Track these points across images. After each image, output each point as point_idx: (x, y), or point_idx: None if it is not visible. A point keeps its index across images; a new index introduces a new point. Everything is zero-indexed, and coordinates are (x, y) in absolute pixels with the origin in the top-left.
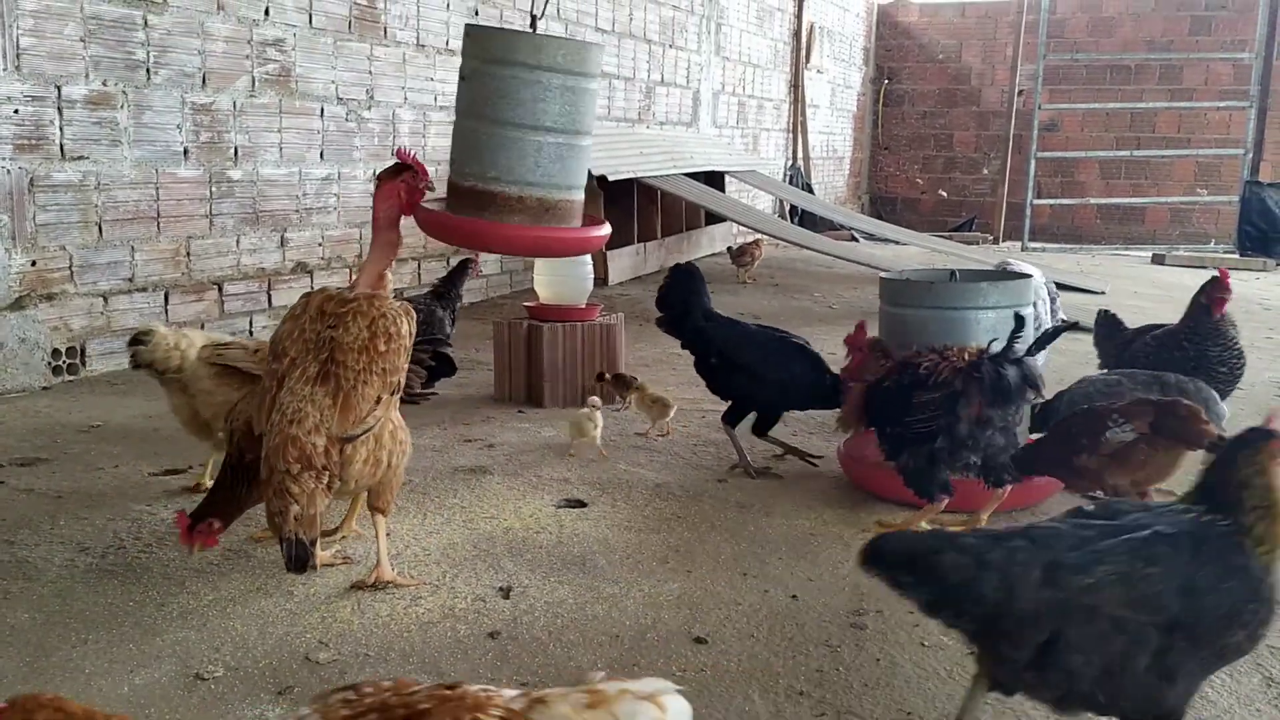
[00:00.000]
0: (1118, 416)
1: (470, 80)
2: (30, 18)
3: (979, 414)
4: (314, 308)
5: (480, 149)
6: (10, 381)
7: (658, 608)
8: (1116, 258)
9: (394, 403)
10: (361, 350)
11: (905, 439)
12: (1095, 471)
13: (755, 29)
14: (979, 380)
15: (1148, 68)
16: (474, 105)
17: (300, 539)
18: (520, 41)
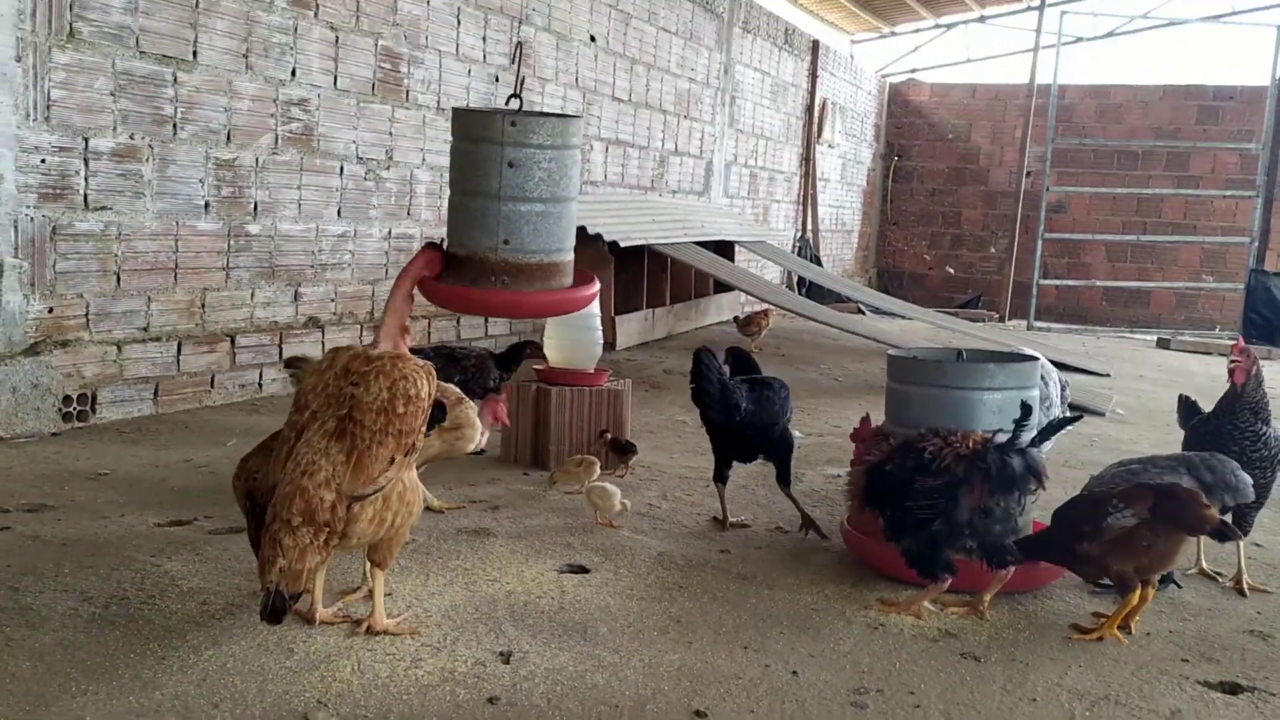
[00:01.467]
0: (1117, 502)
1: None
2: (63, 70)
3: (980, 503)
4: (340, 364)
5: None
6: (20, 426)
7: (658, 678)
8: (1121, 340)
9: (408, 464)
10: (380, 411)
11: (906, 522)
12: (1098, 558)
13: (769, 103)
14: (983, 470)
15: (1155, 154)
16: (500, 185)
17: (280, 591)
18: (540, 125)
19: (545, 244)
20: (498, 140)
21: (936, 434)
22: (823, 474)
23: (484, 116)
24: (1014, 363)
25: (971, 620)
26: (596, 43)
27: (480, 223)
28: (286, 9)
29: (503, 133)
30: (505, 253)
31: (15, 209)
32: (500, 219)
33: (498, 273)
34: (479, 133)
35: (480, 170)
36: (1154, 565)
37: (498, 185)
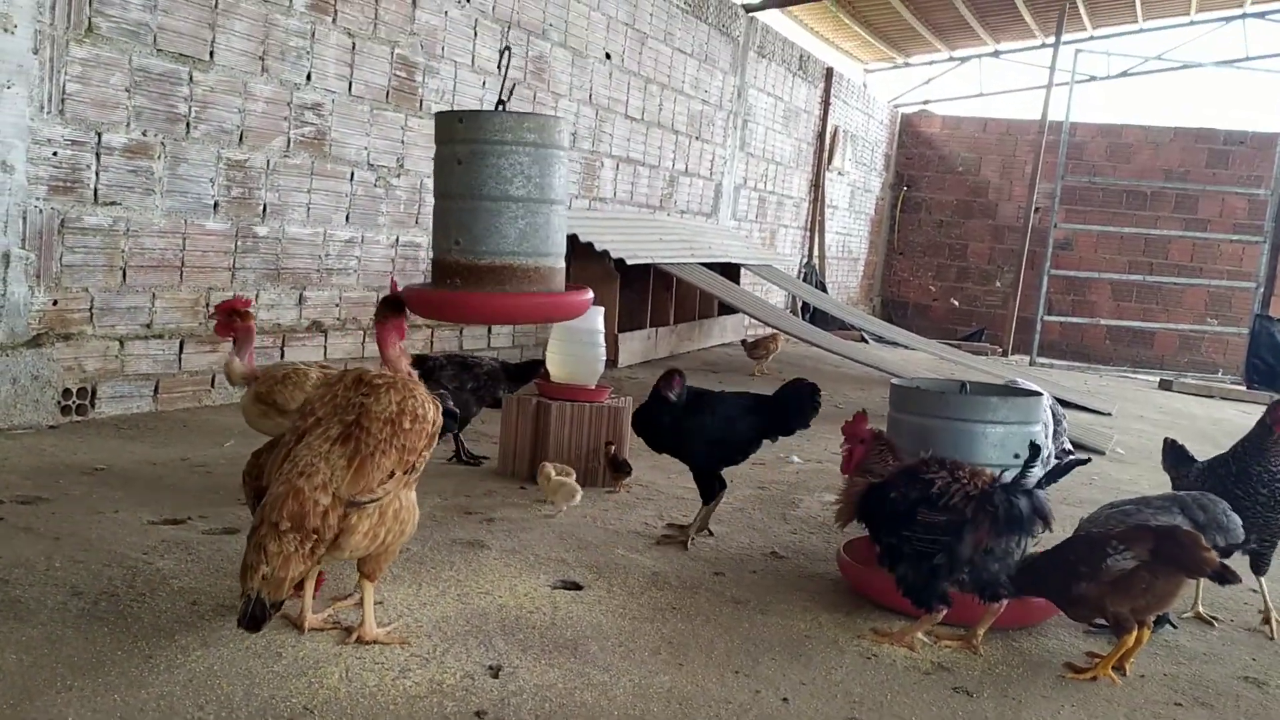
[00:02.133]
0: (1116, 543)
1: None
2: (79, 65)
3: (984, 543)
4: (351, 378)
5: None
6: (19, 417)
7: (647, 699)
8: (1123, 380)
9: (408, 482)
10: (388, 421)
11: (903, 551)
12: (1095, 599)
13: (781, 128)
14: (991, 512)
15: (1164, 195)
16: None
17: (261, 598)
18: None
19: (499, 245)
20: (450, 139)
21: (943, 465)
22: (820, 500)
23: (444, 117)
24: (1017, 397)
25: (965, 654)
26: (612, 60)
27: (440, 223)
28: (305, 13)
29: (453, 131)
30: (457, 253)
31: (25, 200)
32: (454, 218)
33: (451, 274)
34: (441, 134)
35: (442, 171)
36: (1152, 607)
37: (452, 184)
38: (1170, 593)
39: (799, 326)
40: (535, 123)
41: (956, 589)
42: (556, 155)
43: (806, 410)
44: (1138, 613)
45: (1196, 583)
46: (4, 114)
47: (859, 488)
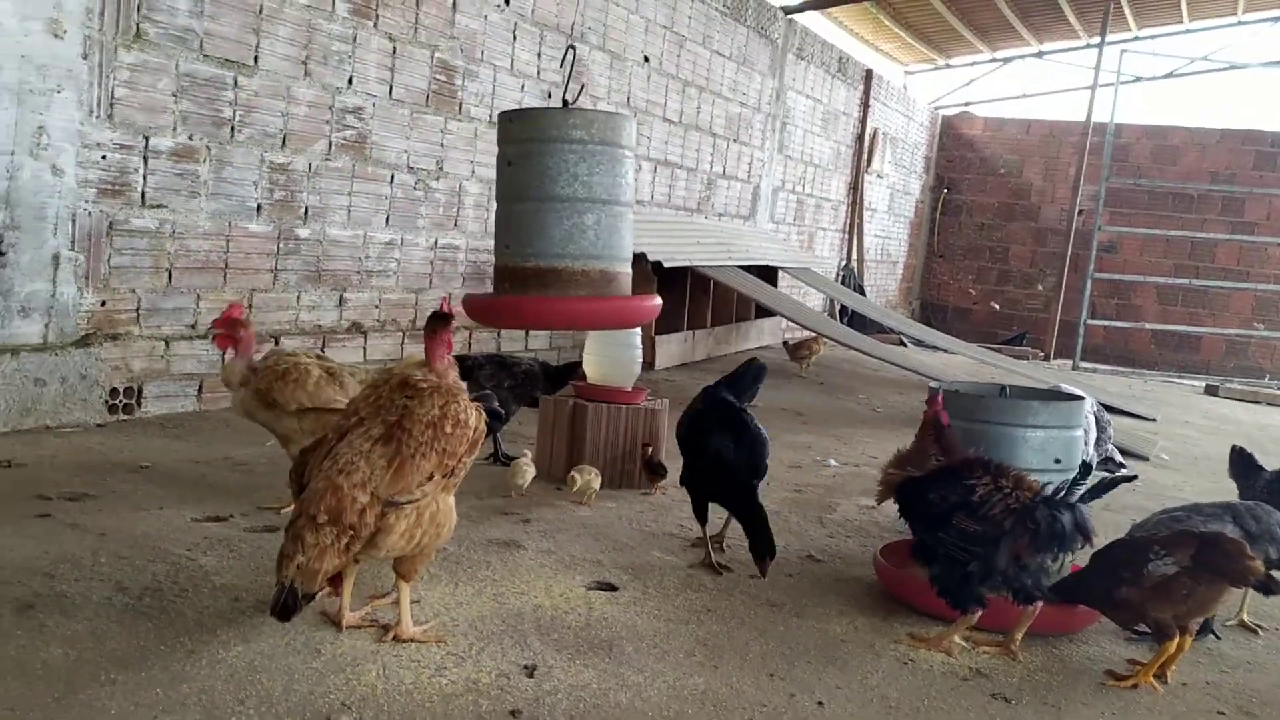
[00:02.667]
0: (1159, 549)
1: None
2: (127, 70)
3: (1022, 557)
4: (396, 380)
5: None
6: (67, 416)
7: (681, 701)
8: (1169, 385)
9: (447, 486)
10: (430, 425)
11: (937, 553)
12: (1137, 604)
13: (819, 130)
14: (1033, 529)
15: (1210, 198)
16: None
17: (294, 587)
18: (558, 117)
19: (545, 247)
20: (501, 140)
21: (987, 469)
22: (856, 504)
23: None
24: (1058, 401)
25: (1003, 660)
26: (650, 63)
27: (497, 229)
28: (347, 18)
29: (504, 131)
30: (506, 257)
31: (74, 203)
32: (503, 222)
33: (500, 279)
34: (498, 137)
35: (499, 175)
36: (1193, 613)
37: (503, 186)
38: (1212, 599)
39: (837, 330)
40: (562, 119)
41: (992, 594)
42: (623, 155)
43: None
44: (1179, 619)
45: (1243, 591)
46: (54, 118)
47: (898, 478)
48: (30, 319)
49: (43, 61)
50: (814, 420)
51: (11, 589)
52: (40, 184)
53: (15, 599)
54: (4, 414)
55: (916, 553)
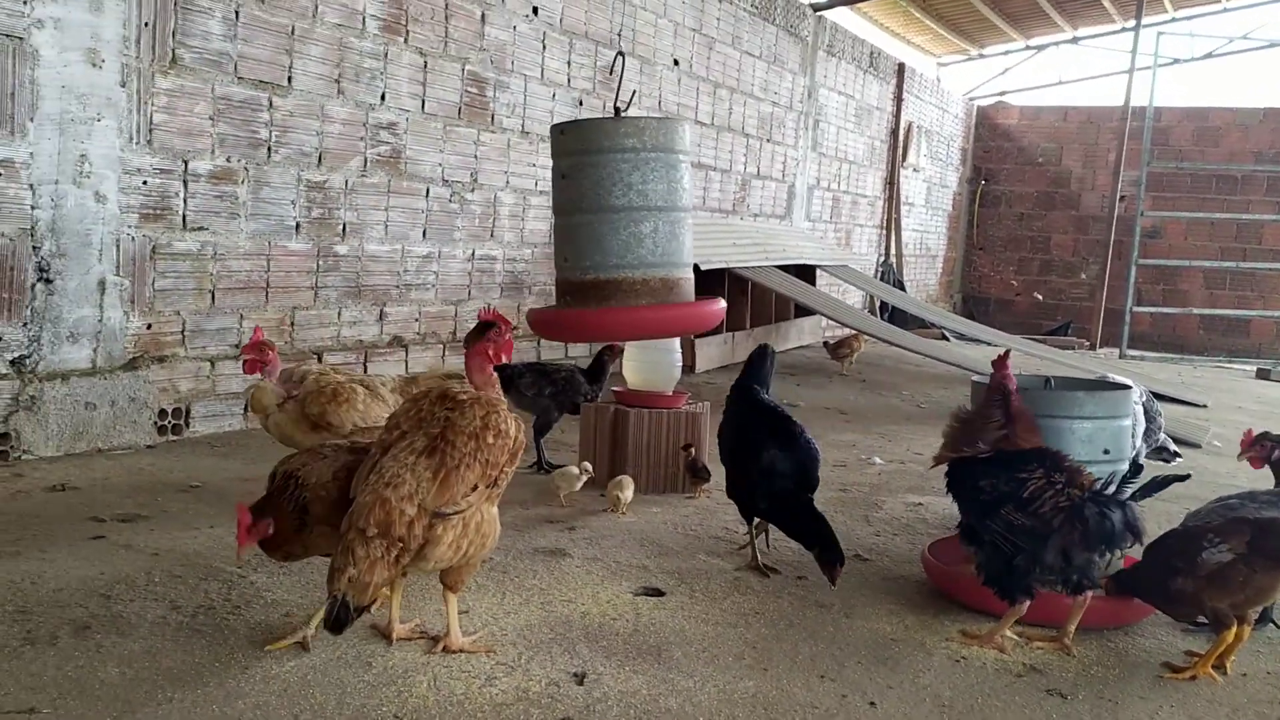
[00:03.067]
0: (1213, 536)
1: (570, 175)
2: (164, 96)
3: (1069, 554)
4: (436, 393)
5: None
6: (118, 438)
7: (732, 705)
8: (1219, 370)
9: (490, 496)
10: (472, 436)
11: (984, 540)
12: (1193, 595)
13: (853, 127)
14: (1081, 527)
15: (1255, 179)
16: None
17: (346, 600)
18: (613, 126)
19: (603, 259)
20: (555, 153)
21: (1042, 462)
22: (903, 501)
23: (552, 131)
24: (1104, 391)
25: (1058, 656)
26: (680, 66)
27: (555, 242)
28: (378, 35)
29: (557, 144)
30: (565, 270)
31: (118, 229)
32: (561, 234)
33: (561, 292)
34: (551, 150)
35: (554, 188)
36: (1251, 601)
37: (558, 199)
38: (1270, 587)
39: (877, 326)
40: (611, 128)
41: (1040, 586)
42: (678, 160)
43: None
44: (1236, 608)
45: None
46: (95, 146)
47: (950, 458)
48: (79, 344)
49: (83, 91)
50: (857, 418)
51: (69, 610)
52: (84, 211)
53: (73, 620)
54: (57, 438)
55: (964, 533)
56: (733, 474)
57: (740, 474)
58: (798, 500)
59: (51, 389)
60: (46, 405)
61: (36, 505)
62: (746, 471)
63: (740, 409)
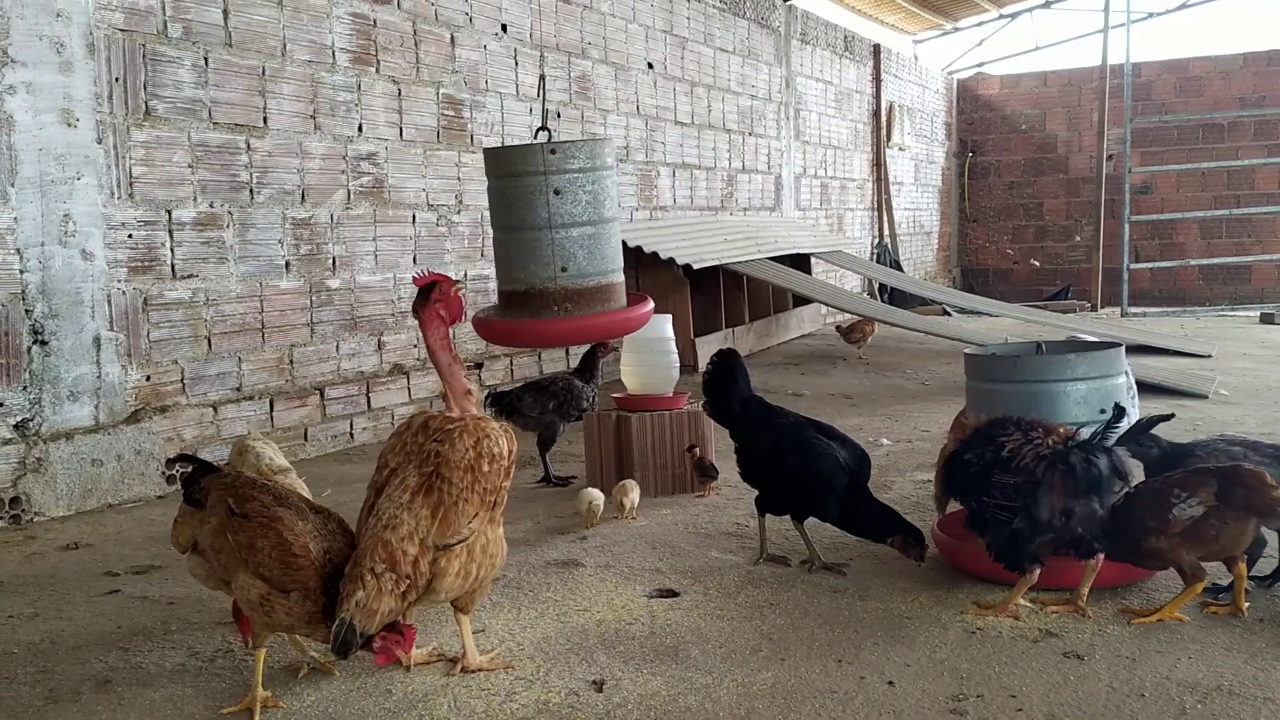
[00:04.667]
0: (1180, 491)
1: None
2: (141, 148)
3: (1061, 505)
4: (417, 425)
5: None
6: (127, 492)
7: (751, 698)
8: (1223, 319)
9: (492, 518)
10: (467, 469)
11: (985, 518)
12: (1168, 552)
13: (834, 112)
14: (1065, 471)
15: (1241, 125)
16: (501, 215)
17: (352, 624)
18: (528, 153)
19: (599, 266)
20: (540, 170)
21: (1017, 426)
22: (912, 480)
23: (522, 151)
24: (1096, 351)
25: (1073, 618)
26: (655, 69)
27: (534, 254)
28: (349, 68)
29: (544, 162)
30: (564, 280)
31: (107, 284)
32: (554, 247)
33: (559, 301)
34: (519, 167)
35: (526, 203)
36: (1225, 550)
37: (546, 215)
38: (1243, 534)
39: (876, 308)
40: (610, 147)
41: (1049, 553)
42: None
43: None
44: (1213, 556)
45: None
46: (78, 205)
47: (942, 461)
48: (80, 402)
49: (60, 151)
50: (863, 401)
51: (89, 666)
52: (73, 270)
53: (93, 675)
54: (66, 497)
55: (970, 524)
56: (777, 490)
57: (794, 488)
58: (864, 496)
59: (57, 449)
60: (53, 466)
61: (51, 565)
62: (804, 484)
63: (765, 423)
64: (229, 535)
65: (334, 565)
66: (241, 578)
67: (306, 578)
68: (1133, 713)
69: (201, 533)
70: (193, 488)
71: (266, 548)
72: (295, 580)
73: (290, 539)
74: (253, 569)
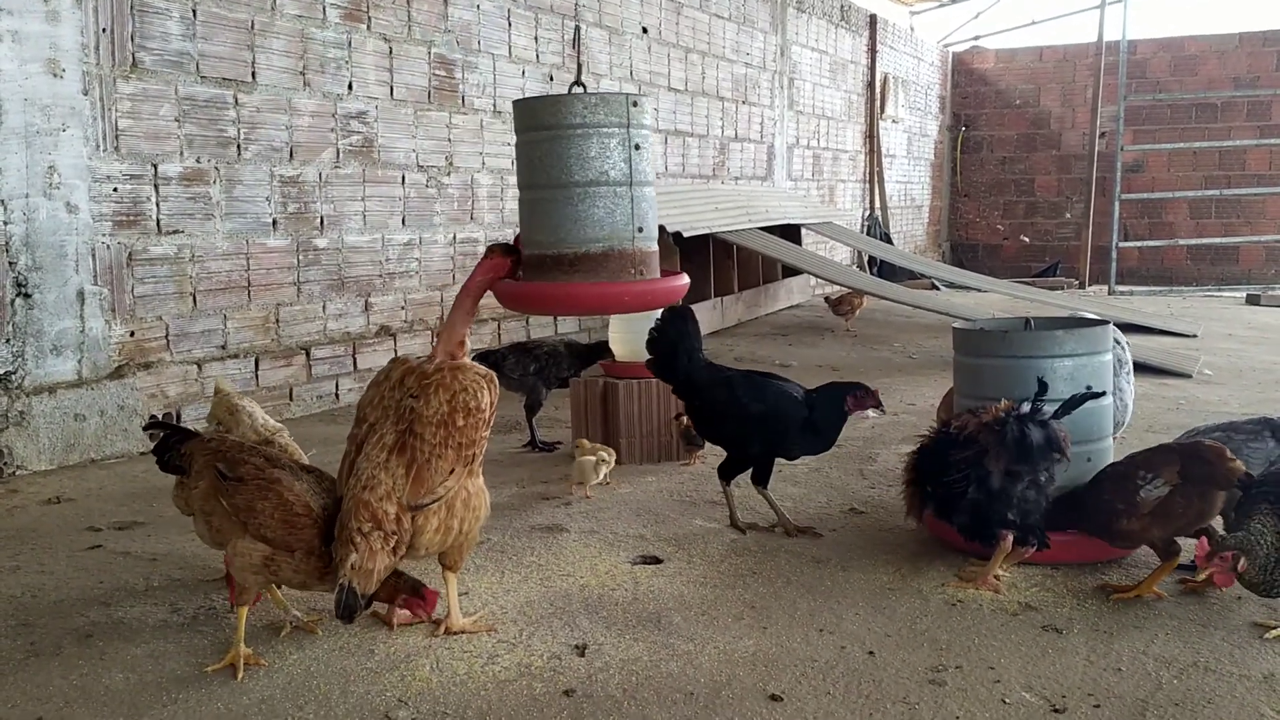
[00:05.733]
0: (1144, 472)
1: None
2: (128, 100)
3: (1005, 469)
4: (396, 375)
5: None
6: (109, 448)
7: (733, 664)
8: (1209, 299)
9: (471, 472)
10: (440, 425)
11: (948, 499)
12: (1140, 532)
13: (828, 82)
14: (1001, 436)
15: (1234, 105)
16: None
17: (352, 588)
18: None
19: (655, 229)
20: (621, 123)
21: (971, 412)
22: (897, 453)
23: (602, 100)
24: (1083, 328)
25: (1052, 592)
26: (649, 34)
27: (615, 212)
28: (339, 24)
29: (627, 114)
30: (640, 241)
31: (92, 238)
32: (634, 205)
33: (635, 264)
34: (598, 118)
35: (605, 156)
36: (1194, 524)
37: (627, 170)
38: (1211, 508)
39: (865, 281)
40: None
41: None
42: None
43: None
44: (1183, 532)
45: None
46: (63, 157)
47: (909, 463)
48: (63, 356)
49: (46, 102)
50: (850, 374)
51: (71, 620)
52: (57, 223)
53: (75, 629)
54: (49, 452)
55: (940, 514)
56: (744, 437)
57: (758, 431)
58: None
59: (39, 403)
60: (36, 420)
61: (33, 519)
62: (768, 425)
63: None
64: (223, 500)
65: (333, 520)
66: (240, 543)
67: (310, 536)
68: (1109, 686)
69: (190, 496)
70: (170, 454)
71: (268, 509)
72: (300, 539)
73: (291, 499)
74: (254, 531)
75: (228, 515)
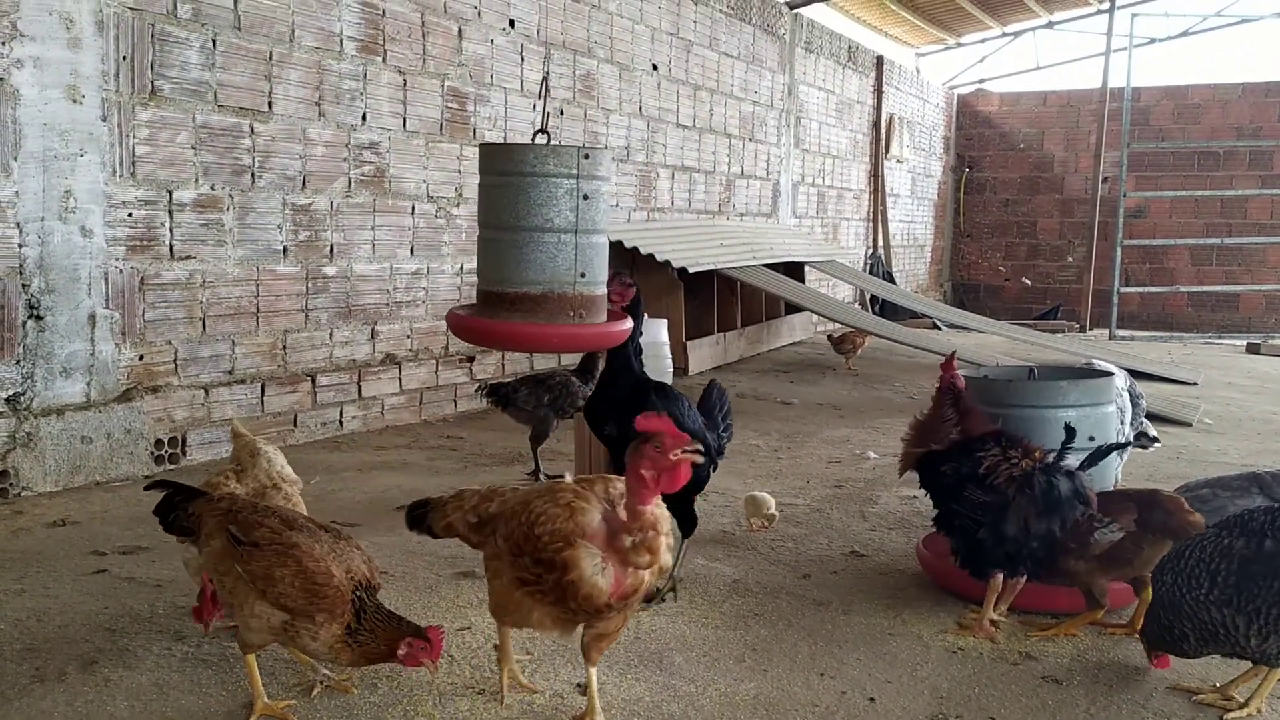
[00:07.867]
0: (1102, 517)
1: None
2: (146, 127)
3: (1026, 526)
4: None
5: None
6: (115, 470)
7: (734, 708)
8: (1209, 346)
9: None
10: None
11: (954, 524)
12: (1085, 574)
13: (835, 121)
14: (1030, 494)
15: (1237, 154)
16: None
17: (429, 510)
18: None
19: (602, 276)
20: (571, 173)
21: (999, 442)
22: (899, 495)
23: (554, 151)
24: (1087, 379)
25: (1052, 642)
26: (659, 71)
27: (557, 258)
28: (356, 56)
29: (578, 165)
30: (582, 286)
31: (105, 262)
32: (577, 252)
33: (575, 307)
34: (548, 168)
35: (552, 204)
36: (1137, 571)
37: (573, 219)
38: (1156, 556)
39: (866, 320)
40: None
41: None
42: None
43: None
44: (1124, 578)
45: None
46: (79, 181)
47: (915, 456)
48: (72, 379)
49: (65, 127)
50: (851, 413)
51: (76, 646)
52: (71, 246)
53: (79, 655)
54: (54, 473)
55: (938, 521)
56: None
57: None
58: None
59: (47, 425)
60: (43, 441)
61: (38, 542)
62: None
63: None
64: (239, 565)
65: (354, 583)
66: (258, 606)
67: (333, 603)
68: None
69: (199, 559)
70: (174, 515)
71: (287, 577)
72: (321, 607)
73: (312, 566)
74: (273, 600)
75: (241, 579)
